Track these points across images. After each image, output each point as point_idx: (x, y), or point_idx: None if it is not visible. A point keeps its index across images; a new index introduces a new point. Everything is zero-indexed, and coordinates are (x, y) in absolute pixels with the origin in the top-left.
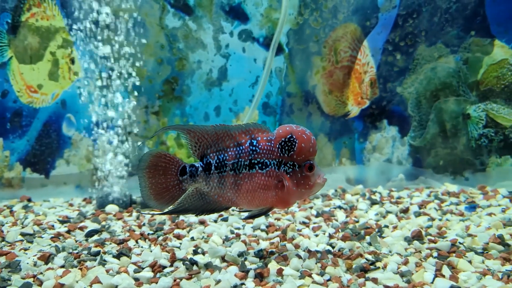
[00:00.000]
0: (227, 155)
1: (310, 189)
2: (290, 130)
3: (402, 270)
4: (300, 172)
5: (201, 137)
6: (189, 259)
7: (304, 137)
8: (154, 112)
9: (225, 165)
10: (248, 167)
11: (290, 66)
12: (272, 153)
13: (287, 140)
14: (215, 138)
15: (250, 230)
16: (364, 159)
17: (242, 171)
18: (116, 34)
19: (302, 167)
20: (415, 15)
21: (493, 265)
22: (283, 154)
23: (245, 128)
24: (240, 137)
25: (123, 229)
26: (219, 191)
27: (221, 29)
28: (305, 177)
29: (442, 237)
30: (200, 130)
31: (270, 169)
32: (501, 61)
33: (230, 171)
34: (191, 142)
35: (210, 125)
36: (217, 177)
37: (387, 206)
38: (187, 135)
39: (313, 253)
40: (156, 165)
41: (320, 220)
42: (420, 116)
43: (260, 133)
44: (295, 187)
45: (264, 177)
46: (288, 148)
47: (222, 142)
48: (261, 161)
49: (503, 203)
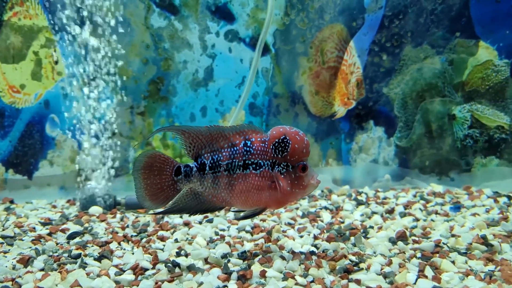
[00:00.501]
0: (221, 155)
1: (303, 190)
2: (284, 131)
3: (385, 271)
4: (294, 172)
5: (196, 138)
6: (171, 261)
7: (297, 138)
8: (140, 113)
9: (219, 166)
10: (242, 168)
11: (277, 67)
12: (266, 153)
13: (281, 141)
14: (210, 138)
15: (235, 232)
16: (351, 159)
17: (236, 172)
18: (100, 33)
19: (295, 167)
20: (401, 16)
21: (476, 265)
22: (276, 155)
23: (239, 129)
24: (234, 138)
25: (106, 231)
26: (213, 191)
27: (207, 29)
28: (298, 178)
29: (427, 237)
30: (195, 131)
31: (264, 169)
32: (485, 62)
33: (224, 171)
34: (185, 143)
35: (204, 126)
36: (211, 177)
37: (372, 206)
38: (181, 136)
39: (297, 254)
40: (151, 165)
41: (305, 221)
42: (406, 116)
43: (254, 134)
44: (289, 187)
45: (258, 178)
46: (282, 149)
47: (216, 142)
48: (255, 162)
49: (487, 204)
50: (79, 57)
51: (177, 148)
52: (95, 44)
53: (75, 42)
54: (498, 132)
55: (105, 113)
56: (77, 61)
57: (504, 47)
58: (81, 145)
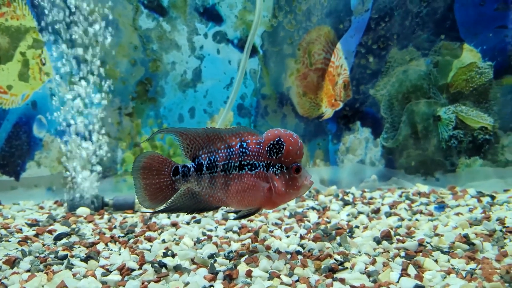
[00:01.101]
0: (218, 156)
1: (297, 190)
2: (278, 133)
3: (369, 270)
4: (288, 173)
5: (193, 139)
6: (158, 262)
7: (291, 140)
8: (128, 114)
9: (216, 166)
10: (238, 168)
11: (265, 68)
12: (261, 155)
13: (276, 143)
14: (207, 140)
15: (223, 232)
16: (338, 160)
17: (232, 172)
18: (88, 34)
19: (289, 169)
20: (387, 19)
21: (458, 264)
22: (271, 156)
23: (236, 131)
24: (231, 139)
25: (93, 232)
26: (210, 191)
27: (195, 31)
28: (292, 179)
29: (411, 237)
30: (192, 133)
31: (259, 170)
32: (469, 64)
33: (220, 171)
34: (183, 144)
35: (201, 128)
36: (208, 177)
37: (359, 206)
38: (179, 137)
39: (283, 254)
40: (150, 166)
41: (292, 221)
42: (393, 118)
43: (249, 136)
44: (283, 188)
45: (253, 178)
46: (276, 150)
47: (213, 144)
48: (251, 163)
49: (471, 203)
50: (67, 58)
51: (165, 149)
52: (83, 45)
53: (63, 43)
54: (481, 133)
55: (92, 114)
56: (64, 62)
57: (487, 49)
58: (68, 146)
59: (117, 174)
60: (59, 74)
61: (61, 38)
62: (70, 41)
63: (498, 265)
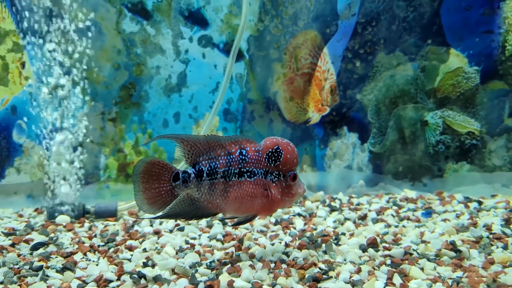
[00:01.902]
0: (218, 163)
1: (292, 198)
2: (277, 142)
3: (354, 279)
4: (285, 181)
5: (194, 146)
6: (137, 272)
7: (289, 148)
8: (111, 119)
9: (216, 173)
10: (237, 175)
11: (251, 73)
12: (259, 162)
13: (274, 151)
14: (207, 147)
15: (206, 240)
16: (325, 165)
17: (232, 179)
18: (69, 38)
19: (286, 176)
20: (374, 23)
21: (444, 271)
22: (269, 164)
23: (235, 138)
24: (230, 146)
25: (72, 241)
26: (209, 197)
27: (180, 34)
28: (288, 186)
29: (397, 244)
30: (193, 139)
31: (257, 177)
32: (456, 69)
33: (220, 178)
34: (184, 150)
35: (201, 135)
36: (208, 184)
37: (346, 213)
38: (180, 144)
39: (266, 263)
40: (150, 171)
41: (278, 228)
42: (380, 123)
43: (248, 143)
44: (279, 195)
45: (252, 185)
46: (275, 158)
47: (213, 151)
48: (250, 170)
49: (458, 209)
50: (48, 62)
51: (149, 155)
52: (64, 49)
53: (44, 46)
54: (469, 138)
55: (74, 120)
56: (45, 66)
57: (474, 54)
58: (49, 152)
59: (100, 180)
60: (39, 79)
61: (42, 42)
62: (51, 45)
63: (485, 273)
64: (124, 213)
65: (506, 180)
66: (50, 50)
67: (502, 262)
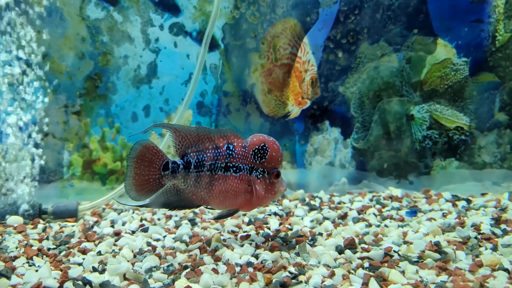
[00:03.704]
0: (205, 156)
1: (274, 195)
2: (263, 139)
3: (325, 285)
4: (269, 178)
5: (185, 137)
6: (81, 278)
7: (274, 146)
8: (75, 112)
9: (203, 165)
10: (223, 169)
11: (227, 63)
12: (246, 158)
13: (260, 148)
14: (197, 139)
15: (171, 242)
16: (306, 162)
17: (218, 173)
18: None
19: (270, 174)
20: (356, 11)
21: (427, 275)
22: (255, 161)
23: (223, 133)
24: (219, 140)
25: (19, 244)
26: (194, 189)
27: (150, 22)
28: (272, 184)
29: (377, 245)
30: (184, 130)
31: (243, 173)
32: (444, 60)
33: (207, 171)
34: (175, 140)
35: (193, 126)
36: (195, 176)
37: (325, 212)
38: (173, 134)
39: (231, 266)
40: (144, 156)
41: (250, 228)
42: (363, 117)
43: (235, 139)
44: (263, 191)
45: (237, 180)
46: (260, 155)
47: (202, 143)
48: (236, 165)
49: (445, 208)
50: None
51: (117, 151)
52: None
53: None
54: (457, 133)
55: (33, 112)
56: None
57: (462, 45)
58: (4, 147)
59: (63, 178)
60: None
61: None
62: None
63: (472, 276)
64: (86, 213)
65: (496, 178)
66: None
67: (491, 265)
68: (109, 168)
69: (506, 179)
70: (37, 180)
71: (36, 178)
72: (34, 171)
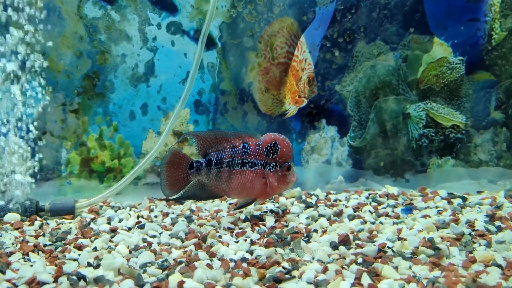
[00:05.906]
0: (224, 154)
1: (286, 185)
2: (275, 137)
3: (318, 280)
4: (281, 171)
5: (205, 140)
6: (76, 273)
7: (285, 143)
8: (73, 110)
9: (222, 162)
10: (240, 165)
11: (224, 62)
12: (260, 155)
13: (272, 145)
14: (215, 140)
15: (167, 238)
16: (303, 160)
17: (236, 168)
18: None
19: (282, 167)
20: (353, 10)
21: (420, 271)
22: (268, 156)
23: (239, 134)
24: (235, 141)
25: (16, 241)
26: (216, 183)
27: (147, 21)
28: (284, 176)
29: (372, 241)
30: (204, 135)
31: (257, 167)
32: (440, 59)
33: (226, 167)
34: (198, 143)
35: (211, 130)
36: (216, 172)
37: (321, 209)
38: (196, 139)
39: (225, 262)
40: (173, 160)
41: (246, 225)
42: (360, 115)
43: (250, 138)
44: (276, 183)
45: (252, 174)
46: (272, 151)
47: (220, 144)
48: (251, 161)
49: (440, 205)
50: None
51: (114, 149)
52: (20, 34)
53: None
54: (453, 132)
55: (31, 111)
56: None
57: (459, 43)
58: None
59: (61, 176)
60: None
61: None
62: (5, 29)
63: (464, 272)
64: (83, 211)
65: (492, 176)
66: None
67: (484, 261)
68: (107, 166)
69: (502, 177)
70: (35, 177)
71: (33, 175)
72: (31, 169)
